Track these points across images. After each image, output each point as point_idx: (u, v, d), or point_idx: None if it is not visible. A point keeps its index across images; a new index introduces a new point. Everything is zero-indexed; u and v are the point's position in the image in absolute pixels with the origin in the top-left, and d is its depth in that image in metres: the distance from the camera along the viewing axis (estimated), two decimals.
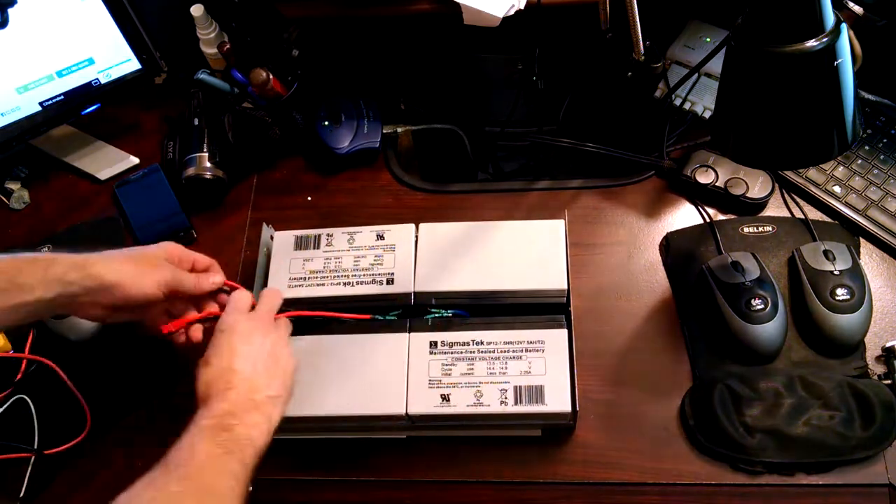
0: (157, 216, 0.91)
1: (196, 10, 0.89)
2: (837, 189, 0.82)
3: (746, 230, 0.81)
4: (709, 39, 0.90)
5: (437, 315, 0.75)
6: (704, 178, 0.83)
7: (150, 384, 0.81)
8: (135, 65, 0.93)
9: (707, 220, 0.83)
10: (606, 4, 0.83)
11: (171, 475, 0.52)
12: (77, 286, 0.61)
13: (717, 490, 0.70)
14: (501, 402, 0.69)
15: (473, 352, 0.71)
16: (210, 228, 0.91)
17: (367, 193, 0.91)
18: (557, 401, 0.68)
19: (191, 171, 0.89)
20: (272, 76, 0.86)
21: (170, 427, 0.78)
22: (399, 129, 0.96)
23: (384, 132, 0.94)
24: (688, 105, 0.89)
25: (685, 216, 0.85)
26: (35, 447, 0.76)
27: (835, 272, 0.74)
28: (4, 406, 0.78)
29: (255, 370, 0.61)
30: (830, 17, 0.54)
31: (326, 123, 0.93)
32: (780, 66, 0.55)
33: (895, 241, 0.78)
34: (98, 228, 0.92)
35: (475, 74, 1.09)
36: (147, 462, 0.78)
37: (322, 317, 0.74)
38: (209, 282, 0.69)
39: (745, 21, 0.55)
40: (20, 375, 0.79)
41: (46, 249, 0.89)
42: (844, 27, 0.55)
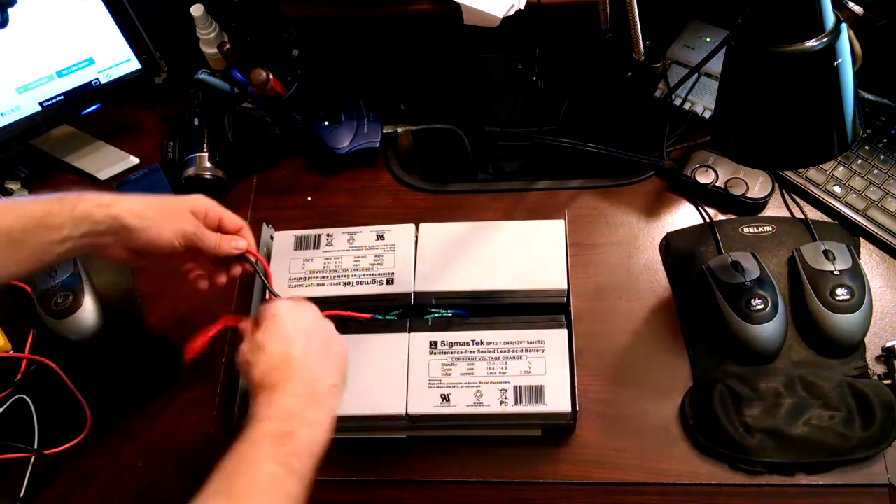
0: None
1: (196, 10, 0.89)
2: (837, 189, 0.82)
3: (746, 230, 0.81)
4: (709, 39, 0.90)
5: (437, 315, 0.75)
6: (704, 178, 0.83)
7: (150, 384, 0.81)
8: (135, 65, 0.93)
9: (707, 220, 0.83)
10: (606, 4, 0.83)
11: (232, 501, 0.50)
12: (103, 224, 0.60)
13: (717, 490, 0.70)
14: (501, 402, 0.69)
15: (473, 352, 0.72)
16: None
17: (367, 193, 0.91)
18: (557, 401, 0.68)
19: (191, 171, 0.89)
20: (272, 76, 0.86)
21: (169, 427, 0.79)
22: (399, 129, 0.96)
23: (384, 132, 0.94)
24: (688, 105, 0.89)
25: (685, 216, 0.85)
26: (35, 447, 0.76)
27: (835, 272, 0.74)
28: (4, 406, 0.78)
29: (313, 358, 0.59)
30: (830, 17, 0.54)
31: (326, 123, 0.93)
32: (780, 66, 0.55)
33: (895, 241, 0.78)
34: None
35: (475, 74, 1.09)
36: (147, 462, 0.78)
37: (337, 316, 0.73)
38: (230, 245, 0.66)
39: (745, 21, 0.55)
40: (20, 375, 0.79)
41: None
42: (844, 27, 0.55)
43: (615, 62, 0.88)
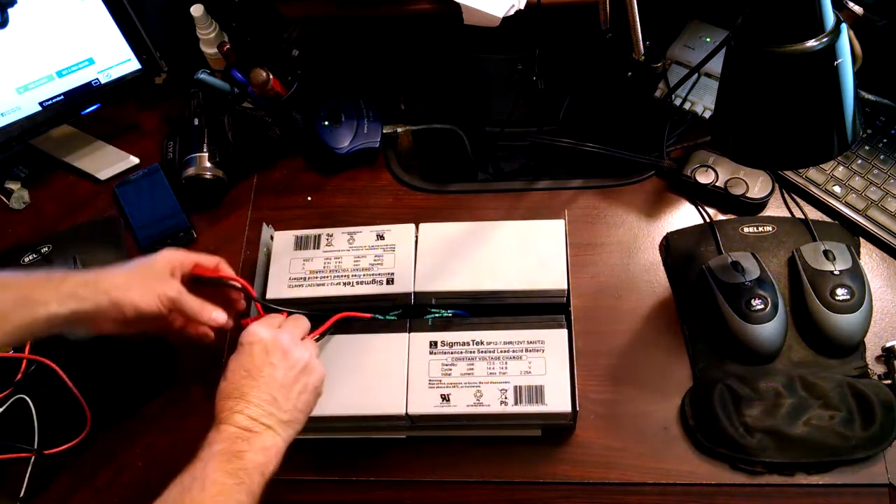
0: (157, 216, 0.91)
1: (196, 10, 0.89)
2: (837, 189, 0.82)
3: (746, 230, 0.81)
4: (709, 39, 0.90)
5: (437, 315, 0.75)
6: (704, 178, 0.83)
7: (150, 384, 0.81)
8: (135, 65, 0.93)
9: (707, 220, 0.83)
10: (606, 4, 0.83)
11: None
12: (89, 302, 0.62)
13: (717, 490, 0.70)
14: (501, 402, 0.69)
15: (473, 352, 0.71)
16: (210, 228, 0.91)
17: (367, 193, 0.91)
18: (557, 401, 0.68)
19: (191, 171, 0.89)
20: (272, 76, 0.86)
21: (169, 427, 0.79)
22: (399, 129, 0.96)
23: (384, 132, 0.94)
24: (688, 105, 0.89)
25: (685, 216, 0.85)
26: (35, 447, 0.76)
27: (835, 272, 0.74)
28: (4, 406, 0.78)
29: (273, 390, 0.60)
30: (830, 17, 0.54)
31: (326, 123, 0.93)
32: (780, 66, 0.55)
33: (895, 241, 0.78)
34: (98, 228, 0.92)
35: (475, 74, 1.09)
36: (147, 462, 0.78)
37: (337, 321, 0.73)
38: (210, 315, 0.68)
39: (745, 21, 0.55)
40: (20, 375, 0.79)
41: (47, 249, 0.89)
42: (844, 27, 0.54)
43: (615, 62, 0.88)
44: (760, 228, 0.81)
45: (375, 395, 0.71)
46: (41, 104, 0.89)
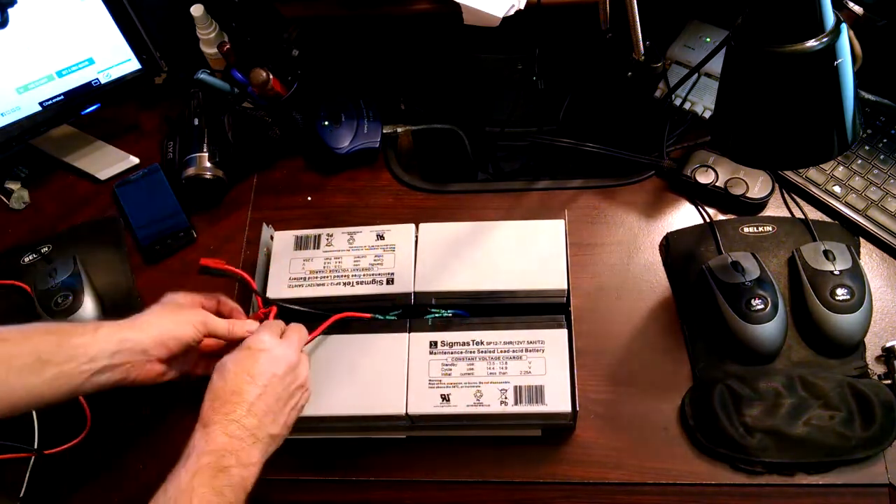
0: (157, 216, 0.91)
1: (196, 10, 0.89)
2: (837, 189, 0.82)
3: (746, 230, 0.81)
4: (709, 39, 0.90)
5: (437, 315, 0.75)
6: (704, 178, 0.83)
7: (150, 384, 0.81)
8: (135, 65, 0.93)
9: (707, 220, 0.83)
10: (606, 4, 0.83)
11: None
12: (132, 342, 0.62)
13: (717, 490, 0.70)
14: (501, 402, 0.69)
15: (473, 352, 0.72)
16: (210, 228, 0.91)
17: (367, 193, 0.91)
18: (557, 401, 0.68)
19: (191, 171, 0.89)
20: (272, 76, 0.86)
21: (169, 427, 0.79)
22: (399, 129, 0.96)
23: (384, 132, 0.94)
24: (688, 105, 0.89)
25: (685, 216, 0.85)
26: (35, 447, 0.76)
27: (835, 272, 0.74)
28: None
29: (264, 405, 0.60)
30: (830, 17, 0.54)
31: (326, 123, 0.93)
32: (780, 66, 0.55)
33: (895, 241, 0.78)
34: (98, 228, 0.92)
35: (475, 74, 1.09)
36: (147, 463, 0.78)
37: (334, 322, 0.73)
38: (243, 329, 0.68)
39: (745, 21, 0.55)
40: None
41: (46, 249, 0.89)
42: (844, 27, 0.54)
43: (615, 62, 0.88)
44: (760, 228, 0.81)
45: (375, 395, 0.71)
46: (41, 104, 0.89)
